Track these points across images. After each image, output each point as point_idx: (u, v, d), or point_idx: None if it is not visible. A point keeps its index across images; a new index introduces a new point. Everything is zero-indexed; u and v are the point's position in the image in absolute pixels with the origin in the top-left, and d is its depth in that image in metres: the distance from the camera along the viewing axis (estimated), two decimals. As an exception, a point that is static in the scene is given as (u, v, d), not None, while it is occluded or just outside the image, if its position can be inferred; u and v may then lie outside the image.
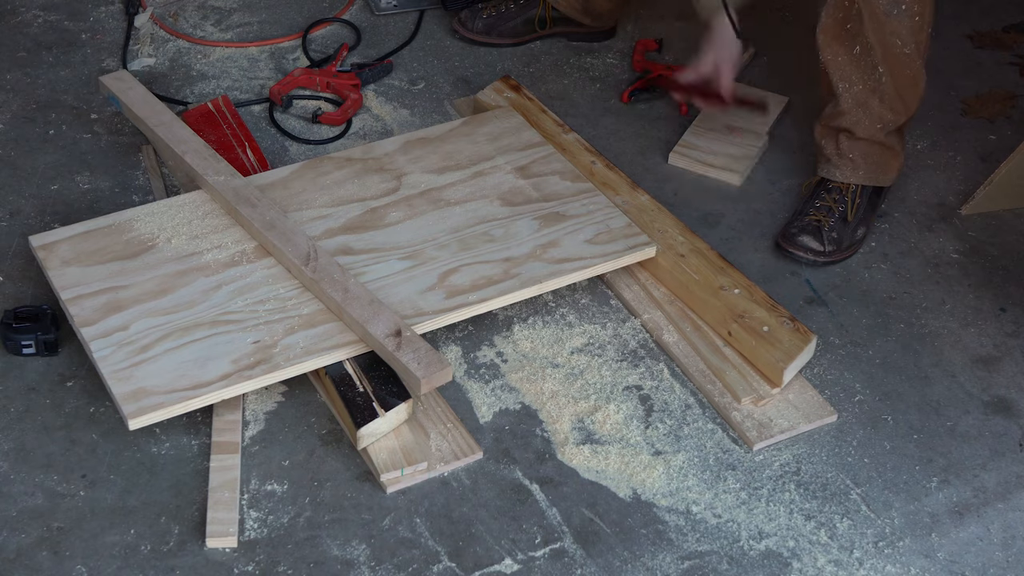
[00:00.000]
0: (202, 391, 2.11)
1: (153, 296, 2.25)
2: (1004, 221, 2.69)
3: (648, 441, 2.23)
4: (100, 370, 2.13)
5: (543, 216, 2.46)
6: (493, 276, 2.33)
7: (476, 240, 2.40)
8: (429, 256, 2.36)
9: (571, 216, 2.46)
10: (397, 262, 2.35)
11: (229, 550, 2.03)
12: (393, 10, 3.16)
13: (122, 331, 2.19)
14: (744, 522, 2.12)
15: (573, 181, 2.54)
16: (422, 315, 2.25)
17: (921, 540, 2.11)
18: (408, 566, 2.03)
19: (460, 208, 2.47)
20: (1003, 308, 2.50)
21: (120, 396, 2.09)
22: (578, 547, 2.07)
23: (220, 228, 2.39)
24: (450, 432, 2.20)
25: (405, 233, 2.41)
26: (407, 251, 2.37)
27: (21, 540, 2.03)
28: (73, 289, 2.26)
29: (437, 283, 2.31)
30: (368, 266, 2.33)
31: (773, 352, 2.27)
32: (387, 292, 2.28)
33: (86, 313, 2.22)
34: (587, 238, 2.42)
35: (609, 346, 2.38)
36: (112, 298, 2.25)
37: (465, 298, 2.29)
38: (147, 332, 2.19)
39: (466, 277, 2.33)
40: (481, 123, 2.68)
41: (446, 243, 2.39)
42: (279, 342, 2.19)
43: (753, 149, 2.79)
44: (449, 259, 2.36)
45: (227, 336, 2.19)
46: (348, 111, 2.83)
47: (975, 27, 3.23)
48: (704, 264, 2.42)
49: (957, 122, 2.94)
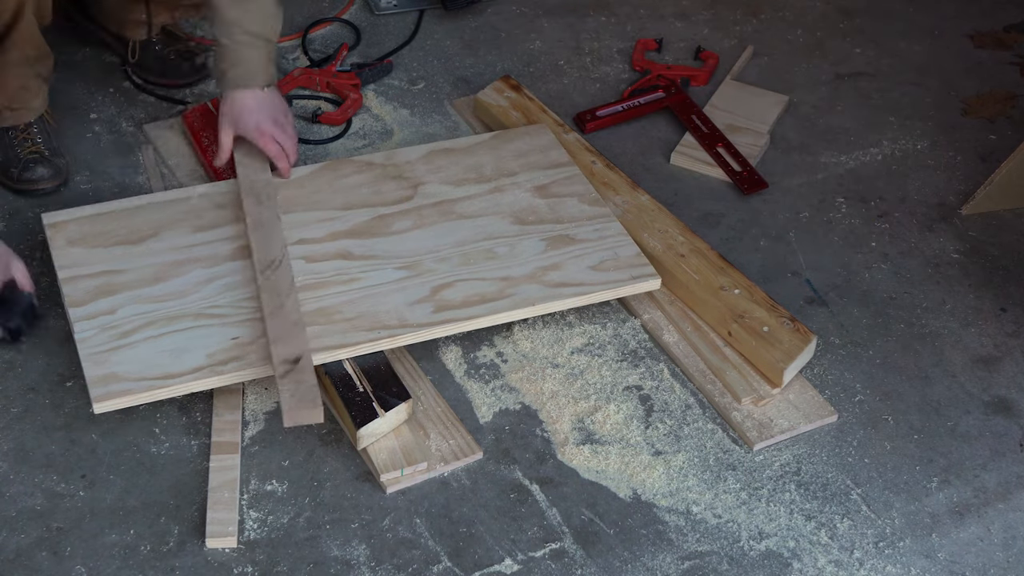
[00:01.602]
0: (171, 382, 2.12)
1: (146, 283, 2.27)
2: (1004, 221, 2.69)
3: (648, 441, 2.23)
4: (79, 350, 2.15)
5: (551, 238, 2.42)
6: (487, 294, 2.31)
7: (478, 256, 2.38)
8: (426, 268, 2.34)
9: (580, 240, 2.42)
10: (393, 271, 2.33)
11: (229, 550, 2.03)
12: (393, 10, 3.16)
13: (108, 315, 2.21)
14: (744, 522, 2.12)
15: (591, 205, 2.50)
16: (406, 327, 2.24)
17: (921, 540, 2.11)
18: (408, 566, 2.03)
19: (470, 222, 2.44)
20: (1003, 308, 2.50)
21: (91, 379, 2.11)
22: (578, 547, 2.07)
23: (228, 221, 2.39)
24: (450, 432, 2.20)
25: (408, 243, 2.39)
26: (406, 261, 2.35)
27: (21, 540, 2.03)
28: (71, 269, 2.28)
29: (429, 295, 2.29)
30: (364, 272, 2.32)
31: (773, 352, 2.27)
32: (376, 300, 2.27)
33: (78, 294, 2.24)
34: (591, 264, 2.38)
35: (609, 346, 2.37)
36: (106, 282, 2.26)
37: (453, 314, 2.27)
38: (132, 318, 2.20)
39: (459, 292, 2.30)
40: (511, 138, 2.65)
41: (447, 256, 2.37)
42: (257, 340, 2.18)
43: (753, 149, 2.79)
44: (447, 272, 2.34)
45: (208, 330, 2.19)
46: (348, 111, 2.83)
47: (975, 27, 3.23)
48: (704, 264, 2.42)
49: (957, 122, 2.94)
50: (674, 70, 2.99)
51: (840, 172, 2.79)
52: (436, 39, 3.09)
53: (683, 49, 3.11)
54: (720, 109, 2.88)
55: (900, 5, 3.30)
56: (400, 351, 2.31)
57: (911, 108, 2.97)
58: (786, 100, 2.94)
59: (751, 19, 3.22)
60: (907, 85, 3.04)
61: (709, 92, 2.96)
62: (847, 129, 2.91)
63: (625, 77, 3.01)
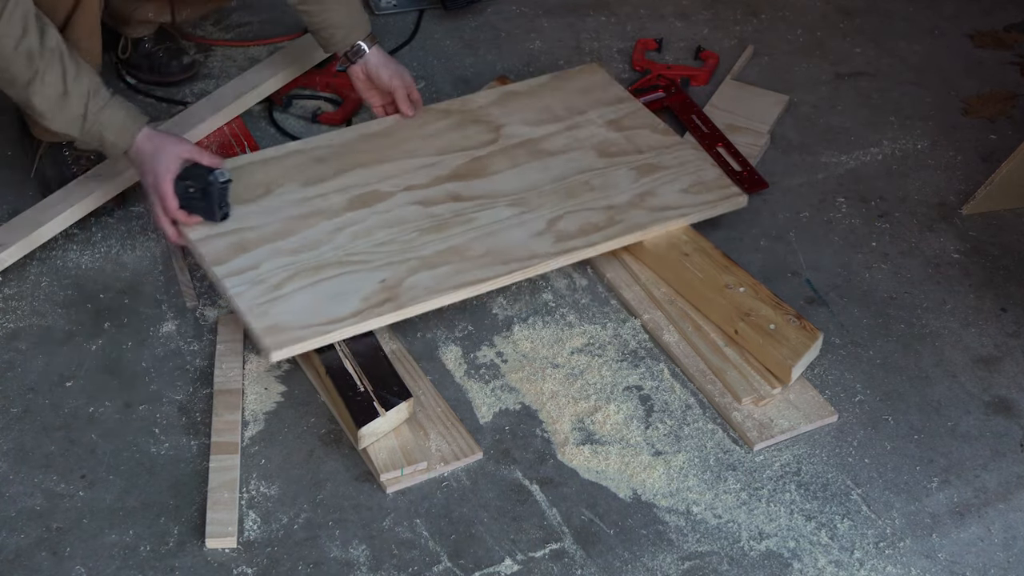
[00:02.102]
0: (336, 326, 2.20)
1: (278, 237, 2.35)
2: (1005, 221, 2.69)
3: (648, 441, 2.22)
4: (237, 306, 2.22)
5: (639, 167, 2.55)
6: (598, 223, 2.43)
7: (578, 189, 2.50)
8: (535, 204, 2.46)
9: (665, 167, 2.56)
10: (505, 209, 2.45)
11: (228, 550, 2.03)
12: (393, 10, 3.16)
13: (253, 270, 2.28)
14: (744, 522, 2.11)
15: (663, 135, 2.64)
16: (535, 257, 2.35)
17: (922, 541, 2.10)
18: (408, 567, 2.02)
19: (559, 158, 2.57)
20: (1004, 308, 2.50)
21: (259, 330, 2.18)
22: (578, 548, 2.07)
23: (331, 175, 2.49)
24: (450, 432, 2.20)
25: (510, 181, 2.51)
26: (512, 199, 2.47)
27: (20, 540, 2.03)
28: (200, 230, 2.34)
29: (546, 228, 2.41)
30: (478, 212, 2.43)
31: (781, 350, 2.27)
32: (499, 237, 2.39)
33: (216, 252, 2.31)
34: (682, 188, 2.51)
35: (609, 346, 2.37)
36: (239, 239, 2.34)
37: (574, 243, 2.39)
38: (277, 271, 2.29)
39: (572, 223, 2.42)
40: (569, 78, 2.78)
41: (549, 191, 2.49)
42: (404, 281, 2.28)
43: (754, 149, 2.79)
44: (555, 206, 2.45)
45: (354, 276, 2.29)
46: (348, 111, 2.83)
47: (975, 27, 3.23)
48: (708, 263, 2.42)
49: (958, 122, 2.94)
50: (674, 70, 2.99)
51: (840, 172, 2.79)
52: (436, 39, 3.09)
53: (683, 49, 3.11)
54: (720, 109, 2.88)
55: (900, 5, 3.30)
56: (400, 351, 2.32)
57: (911, 108, 2.97)
58: (786, 100, 2.94)
59: (751, 19, 3.22)
60: (907, 85, 3.04)
61: (709, 92, 2.96)
62: (847, 129, 2.91)
63: (625, 77, 3.01)
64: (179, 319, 2.39)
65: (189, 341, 2.35)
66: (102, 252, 2.51)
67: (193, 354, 2.33)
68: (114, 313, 2.40)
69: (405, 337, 2.37)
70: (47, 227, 2.42)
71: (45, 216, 2.43)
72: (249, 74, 2.80)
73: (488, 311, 2.43)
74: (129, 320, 2.39)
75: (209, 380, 2.27)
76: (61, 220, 2.43)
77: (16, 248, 2.39)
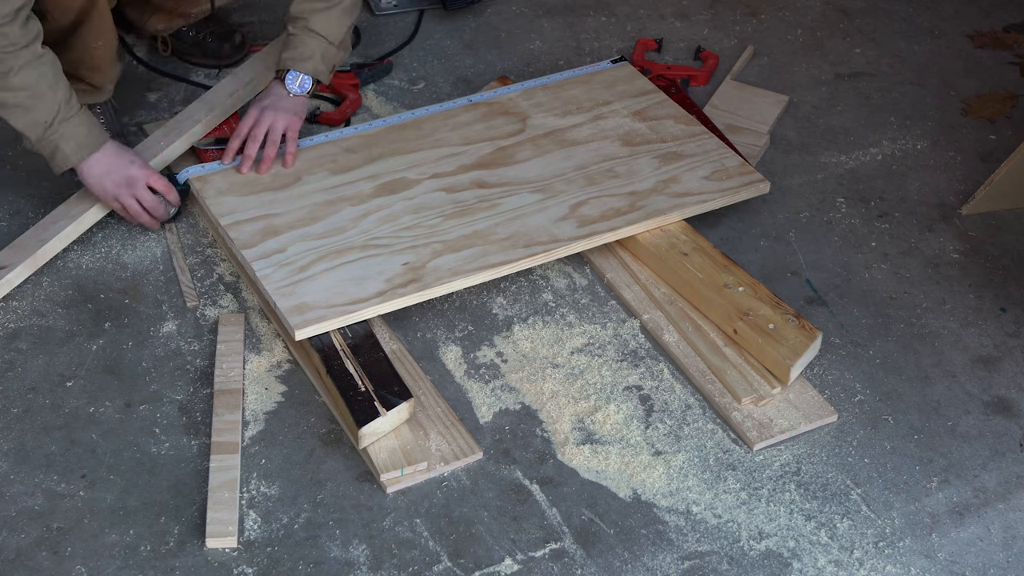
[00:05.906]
0: (360, 306, 2.26)
1: (305, 223, 2.42)
2: (1004, 221, 2.69)
3: (648, 441, 2.23)
4: (264, 287, 2.29)
5: (662, 155, 2.61)
6: (620, 208, 2.48)
7: (601, 176, 2.55)
8: (558, 190, 2.52)
9: (688, 155, 2.62)
10: (529, 194, 2.50)
11: (229, 550, 2.03)
12: (393, 10, 3.16)
13: (280, 253, 2.36)
14: (744, 522, 2.12)
15: (686, 124, 2.69)
16: (557, 241, 2.41)
17: (921, 540, 2.11)
18: (408, 567, 2.03)
19: (584, 147, 2.63)
20: (1003, 308, 2.50)
21: (286, 310, 2.25)
22: (578, 547, 2.07)
23: (359, 164, 2.56)
24: (450, 432, 2.20)
25: (534, 169, 2.57)
26: (537, 185, 2.53)
27: (21, 540, 2.03)
28: (231, 216, 2.43)
29: (568, 213, 2.46)
30: (502, 198, 2.49)
31: (780, 349, 2.27)
32: (523, 221, 2.44)
33: (245, 236, 2.39)
34: (704, 175, 2.57)
35: (609, 346, 2.37)
36: (268, 224, 2.41)
37: (595, 227, 2.44)
38: (303, 254, 2.35)
39: (595, 208, 2.48)
40: (595, 72, 2.84)
41: (573, 178, 2.55)
42: (427, 264, 2.34)
43: (754, 149, 2.79)
44: (578, 192, 2.51)
45: (378, 259, 2.35)
46: (347, 110, 2.83)
47: (975, 27, 3.23)
48: (707, 262, 2.42)
49: (957, 122, 2.94)
50: (674, 70, 3.00)
51: (840, 172, 2.79)
52: (436, 39, 3.10)
53: (683, 49, 3.11)
54: (720, 109, 2.88)
55: (900, 5, 3.30)
56: (400, 351, 2.32)
57: (911, 108, 2.97)
58: (786, 100, 2.94)
59: (751, 19, 3.22)
60: (907, 85, 3.04)
61: (709, 92, 2.96)
62: (847, 129, 2.91)
63: (625, 77, 3.01)
64: (179, 319, 2.39)
65: (189, 341, 2.35)
66: (102, 252, 2.51)
67: (193, 354, 2.33)
68: (114, 313, 2.40)
69: (405, 337, 2.38)
70: (51, 244, 2.42)
71: (48, 234, 2.42)
72: (242, 70, 2.79)
73: (488, 311, 2.43)
74: (129, 320, 2.39)
75: (209, 380, 2.27)
76: (64, 236, 2.44)
77: (22, 268, 2.38)
